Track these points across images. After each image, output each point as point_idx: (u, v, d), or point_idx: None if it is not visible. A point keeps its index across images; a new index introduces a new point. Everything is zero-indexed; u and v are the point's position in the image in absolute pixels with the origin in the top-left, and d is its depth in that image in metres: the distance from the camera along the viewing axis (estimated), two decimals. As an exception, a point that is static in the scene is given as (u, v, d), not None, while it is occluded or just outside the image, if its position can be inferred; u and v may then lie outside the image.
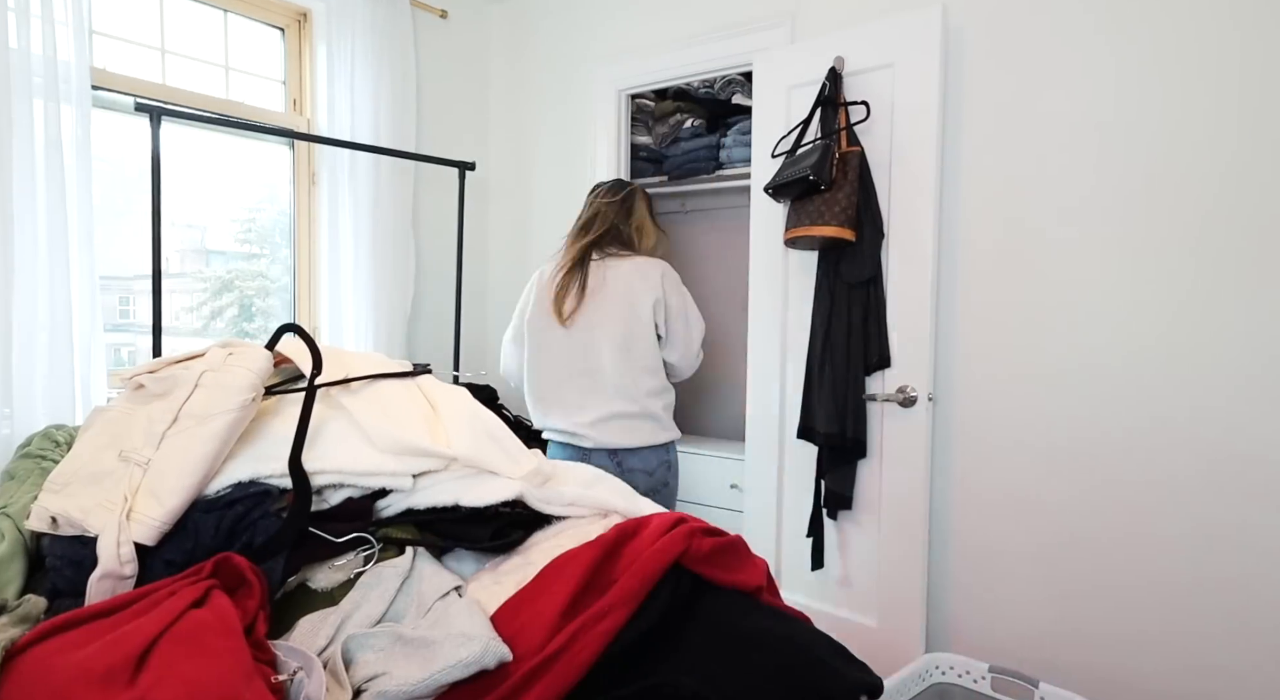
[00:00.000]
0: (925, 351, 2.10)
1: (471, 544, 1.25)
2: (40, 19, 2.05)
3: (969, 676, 1.96)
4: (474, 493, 1.27)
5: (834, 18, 2.41)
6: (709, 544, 1.13)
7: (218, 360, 1.31)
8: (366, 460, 1.26)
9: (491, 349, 3.47)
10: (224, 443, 1.19)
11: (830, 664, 1.09)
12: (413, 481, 1.28)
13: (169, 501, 1.10)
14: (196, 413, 1.20)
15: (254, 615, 0.96)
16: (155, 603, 0.95)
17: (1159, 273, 1.89)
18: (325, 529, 1.18)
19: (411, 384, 1.52)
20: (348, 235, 2.84)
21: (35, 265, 2.07)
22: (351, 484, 1.25)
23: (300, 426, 1.24)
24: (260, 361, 1.31)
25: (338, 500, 1.24)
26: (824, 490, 2.27)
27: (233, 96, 2.70)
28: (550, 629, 1.01)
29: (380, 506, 1.28)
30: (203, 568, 1.04)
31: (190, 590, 0.96)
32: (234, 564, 1.03)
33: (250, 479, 1.19)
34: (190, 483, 1.13)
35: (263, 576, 1.04)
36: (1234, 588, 1.81)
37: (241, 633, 0.91)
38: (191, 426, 1.19)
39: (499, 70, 3.43)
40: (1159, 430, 1.90)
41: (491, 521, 1.27)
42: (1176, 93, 1.86)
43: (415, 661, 0.98)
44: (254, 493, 1.17)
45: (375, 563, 1.19)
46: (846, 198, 2.08)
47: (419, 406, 1.45)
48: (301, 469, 1.20)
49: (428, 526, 1.27)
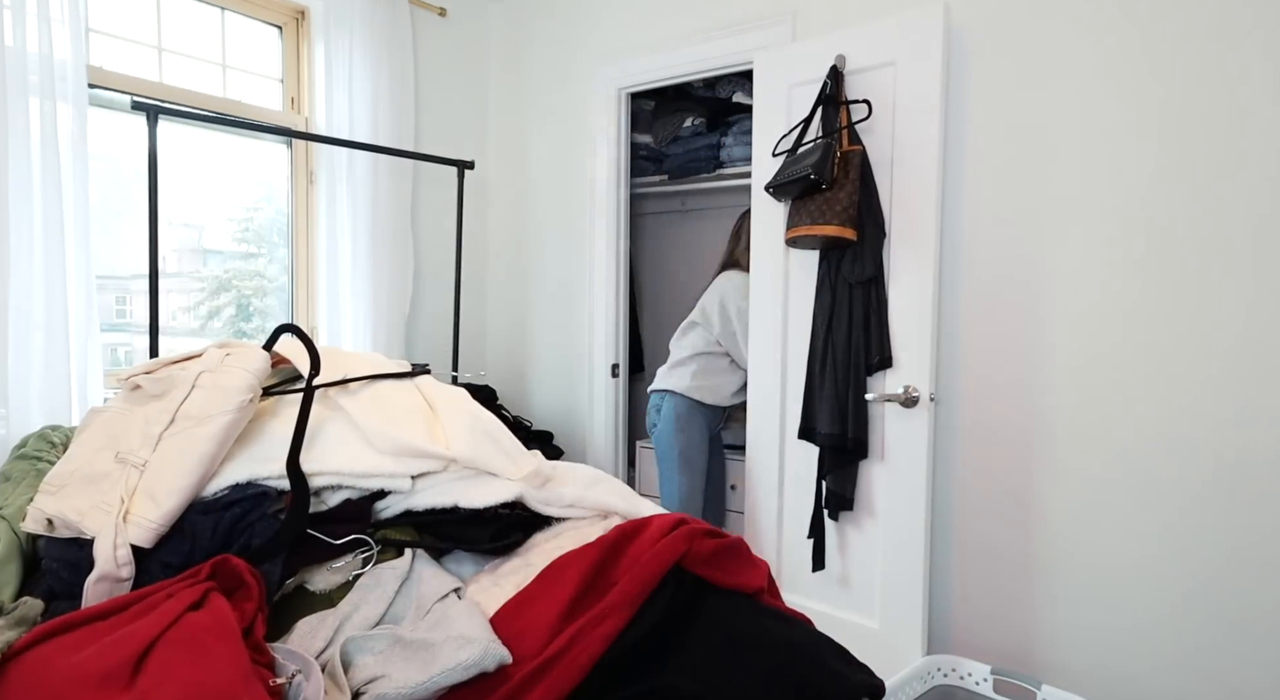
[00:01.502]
0: (927, 351, 2.10)
1: (471, 546, 1.24)
2: (36, 17, 2.04)
3: (971, 679, 1.95)
4: (473, 494, 1.26)
5: (835, 16, 2.40)
6: (710, 546, 1.12)
7: (215, 361, 1.31)
8: (365, 461, 1.26)
9: (491, 349, 3.47)
10: (221, 444, 1.18)
11: (832, 666, 1.09)
12: (411, 483, 1.28)
13: (166, 504, 1.09)
14: (194, 414, 1.19)
15: (252, 618, 0.95)
16: (153, 605, 0.94)
17: (1163, 272, 1.89)
18: (323, 530, 1.17)
19: (410, 384, 1.52)
20: (346, 235, 2.83)
21: (31, 264, 2.05)
22: (350, 485, 1.24)
23: (298, 428, 1.23)
24: (258, 363, 1.30)
25: (336, 502, 1.23)
26: (825, 491, 2.26)
27: (230, 95, 2.68)
28: (550, 631, 1.00)
29: (379, 508, 1.27)
30: (200, 570, 1.03)
31: (188, 593, 0.95)
32: (232, 566, 1.02)
33: (248, 480, 1.18)
34: (187, 484, 1.12)
35: (261, 579, 1.03)
36: (1237, 589, 1.80)
37: (239, 635, 0.90)
38: (188, 428, 1.18)
39: (498, 68, 3.43)
40: (1163, 431, 1.89)
41: (491, 523, 1.26)
42: (1181, 91, 1.85)
43: (415, 664, 0.98)
44: (252, 494, 1.16)
45: (374, 564, 1.19)
46: (848, 197, 2.07)
47: (418, 407, 1.44)
48: (299, 471, 1.19)
49: (427, 528, 1.26)
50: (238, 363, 1.28)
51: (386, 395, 1.43)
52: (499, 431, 1.41)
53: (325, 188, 2.83)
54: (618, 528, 1.19)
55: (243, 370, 1.26)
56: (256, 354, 1.33)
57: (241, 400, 1.22)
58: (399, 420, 1.35)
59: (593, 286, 3.10)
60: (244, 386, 1.24)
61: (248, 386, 1.24)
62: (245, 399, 1.22)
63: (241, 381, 1.24)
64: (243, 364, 1.28)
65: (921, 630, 2.11)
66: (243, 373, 1.26)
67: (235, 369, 1.27)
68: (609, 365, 3.06)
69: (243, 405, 1.22)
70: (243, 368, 1.27)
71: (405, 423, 1.35)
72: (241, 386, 1.23)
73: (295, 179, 2.89)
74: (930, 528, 2.15)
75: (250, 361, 1.29)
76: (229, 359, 1.30)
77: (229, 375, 1.25)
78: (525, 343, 3.39)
